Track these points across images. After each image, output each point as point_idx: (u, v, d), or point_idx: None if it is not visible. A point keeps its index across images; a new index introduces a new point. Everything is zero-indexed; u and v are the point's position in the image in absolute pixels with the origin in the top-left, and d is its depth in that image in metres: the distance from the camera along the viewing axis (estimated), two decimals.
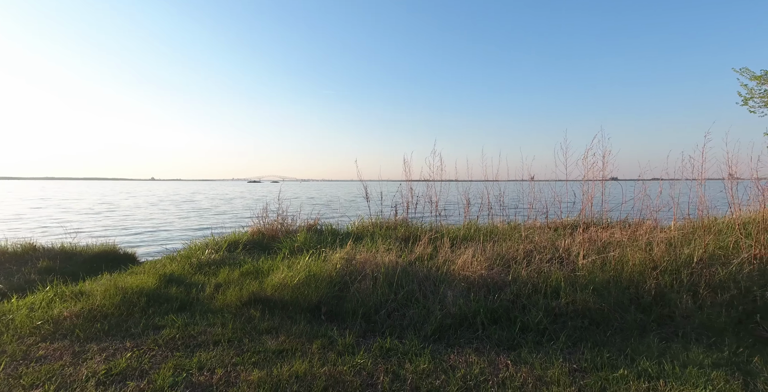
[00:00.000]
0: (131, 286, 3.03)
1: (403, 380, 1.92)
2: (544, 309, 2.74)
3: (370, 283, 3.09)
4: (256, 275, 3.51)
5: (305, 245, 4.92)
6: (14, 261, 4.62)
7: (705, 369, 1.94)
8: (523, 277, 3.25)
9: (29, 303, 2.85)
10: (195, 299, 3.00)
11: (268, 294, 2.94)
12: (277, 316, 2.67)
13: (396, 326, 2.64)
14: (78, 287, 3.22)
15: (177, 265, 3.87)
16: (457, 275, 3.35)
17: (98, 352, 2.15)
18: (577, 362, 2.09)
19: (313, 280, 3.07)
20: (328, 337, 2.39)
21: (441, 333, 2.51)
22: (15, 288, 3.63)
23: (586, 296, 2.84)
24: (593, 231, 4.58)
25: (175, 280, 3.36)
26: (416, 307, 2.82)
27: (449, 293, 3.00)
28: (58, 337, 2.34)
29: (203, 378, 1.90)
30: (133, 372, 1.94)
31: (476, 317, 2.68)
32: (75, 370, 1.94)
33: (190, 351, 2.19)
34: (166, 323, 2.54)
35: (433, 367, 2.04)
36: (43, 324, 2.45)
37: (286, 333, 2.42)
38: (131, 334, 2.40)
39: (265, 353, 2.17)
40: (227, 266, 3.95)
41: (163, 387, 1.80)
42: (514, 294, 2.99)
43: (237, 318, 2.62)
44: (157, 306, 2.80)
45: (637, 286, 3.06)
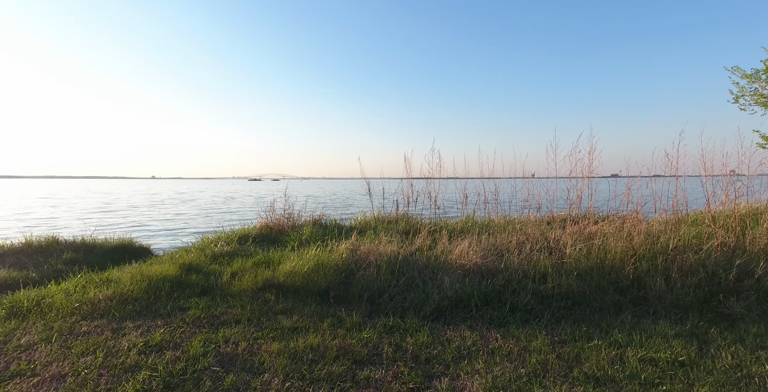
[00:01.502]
0: (155, 274, 3.30)
1: (404, 350, 2.20)
2: (532, 292, 3.02)
3: (374, 270, 3.37)
4: (267, 264, 3.79)
5: (312, 238, 5.20)
6: (40, 253, 4.91)
7: (668, 338, 2.22)
8: (515, 265, 3.52)
9: (64, 288, 3.13)
10: (214, 285, 3.28)
11: (280, 280, 3.21)
12: (290, 299, 2.95)
13: (398, 307, 2.92)
14: (105, 274, 3.50)
15: (194, 256, 4.14)
16: (454, 264, 3.63)
17: (134, 329, 2.43)
18: (558, 335, 2.37)
19: (322, 268, 3.35)
20: (337, 317, 2.67)
21: (439, 313, 2.79)
22: (46, 277, 3.92)
23: (570, 280, 3.12)
24: (583, 224, 4.87)
25: (193, 269, 3.64)
26: (416, 291, 3.10)
27: (446, 279, 3.28)
28: (96, 316, 2.62)
29: (229, 349, 2.18)
30: (168, 344, 2.23)
31: (470, 299, 2.96)
32: (117, 342, 2.22)
33: (215, 328, 2.48)
34: (191, 305, 2.82)
35: (431, 340, 2.32)
36: (81, 306, 2.73)
37: (299, 314, 2.70)
38: (160, 314, 2.68)
39: (281, 329, 2.45)
40: (240, 256, 4.23)
41: (195, 355, 2.08)
42: (505, 280, 3.26)
43: (254, 301, 2.90)
44: (180, 291, 3.08)
45: (617, 272, 3.34)
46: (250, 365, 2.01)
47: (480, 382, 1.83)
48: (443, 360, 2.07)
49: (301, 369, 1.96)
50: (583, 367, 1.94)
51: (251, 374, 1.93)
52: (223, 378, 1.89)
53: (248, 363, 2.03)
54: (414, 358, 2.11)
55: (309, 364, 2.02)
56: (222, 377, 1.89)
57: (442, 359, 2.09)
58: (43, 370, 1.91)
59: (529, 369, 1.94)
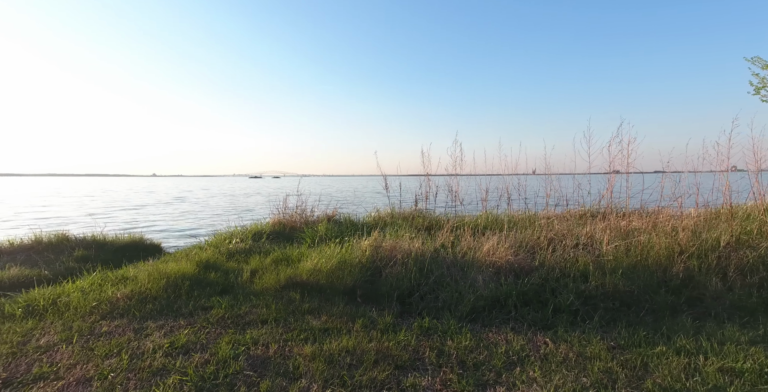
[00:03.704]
0: (172, 272, 3.17)
1: (448, 355, 2.01)
2: (574, 291, 2.81)
3: (400, 268, 3.19)
4: (287, 262, 3.63)
5: (327, 234, 5.04)
6: (51, 250, 4.82)
7: (742, 345, 2.00)
8: (549, 262, 3.31)
9: (79, 286, 3.01)
10: (234, 283, 3.13)
11: (303, 278, 3.05)
12: (315, 298, 2.79)
13: (430, 307, 2.73)
14: (121, 272, 3.38)
15: (210, 253, 4.01)
16: (483, 261, 3.43)
17: (156, 329, 2.28)
18: (614, 340, 2.17)
19: (346, 266, 3.18)
20: (368, 317, 2.50)
21: (475, 314, 2.60)
22: (58, 274, 3.82)
23: (615, 279, 2.90)
24: (613, 220, 4.63)
25: (211, 266, 3.50)
26: (448, 290, 2.91)
27: (479, 277, 3.09)
28: (116, 316, 2.48)
29: (260, 352, 2.02)
30: (194, 345, 2.08)
31: (507, 299, 2.76)
32: (141, 344, 2.08)
33: (241, 328, 2.32)
34: (213, 304, 2.68)
35: (475, 344, 2.14)
36: (99, 305, 2.60)
37: (327, 314, 2.54)
38: (182, 314, 2.54)
39: (311, 331, 2.28)
40: (256, 254, 4.09)
41: (225, 358, 1.93)
42: (542, 278, 3.05)
43: (278, 300, 2.74)
44: (200, 290, 2.94)
45: (664, 270, 3.11)
46: (284, 369, 1.85)
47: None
48: (493, 367, 1.88)
49: (341, 374, 1.79)
50: (654, 378, 1.74)
51: (287, 379, 1.77)
52: (257, 383, 1.73)
53: (282, 367, 1.87)
54: (460, 364, 1.93)
55: (348, 369, 1.85)
56: (256, 382, 1.73)
57: (491, 365, 1.90)
58: (67, 373, 1.77)
59: (592, 379, 1.74)
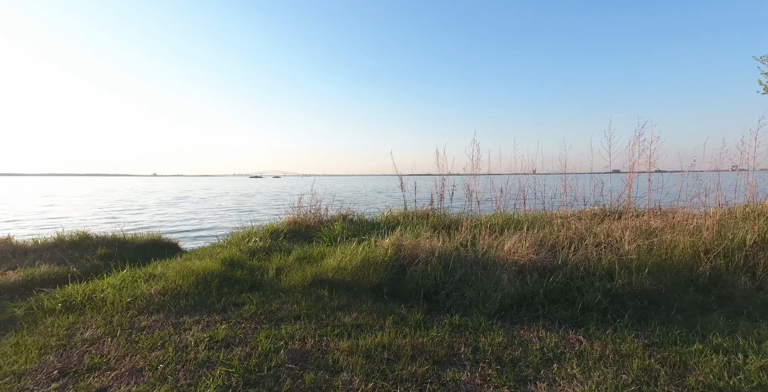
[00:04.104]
0: (199, 269, 3.23)
1: (483, 351, 2.04)
2: (600, 290, 2.81)
3: (423, 266, 3.21)
4: (309, 260, 3.68)
5: (343, 233, 5.08)
6: (74, 248, 4.93)
7: None
8: (572, 261, 3.31)
9: (111, 283, 3.08)
10: (261, 280, 3.18)
11: (329, 276, 3.09)
12: (344, 295, 2.83)
13: (457, 305, 2.76)
14: (148, 270, 3.45)
15: (233, 251, 4.07)
16: (505, 260, 3.43)
17: (193, 324, 2.34)
18: (647, 338, 2.17)
19: (370, 264, 3.21)
20: (398, 314, 2.53)
21: (504, 312, 2.62)
22: (85, 272, 3.91)
23: (641, 278, 2.90)
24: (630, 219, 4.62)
25: (235, 264, 3.56)
26: (473, 288, 2.93)
27: (504, 276, 3.10)
28: (152, 311, 2.55)
29: (298, 346, 2.06)
30: (233, 339, 2.13)
31: (534, 297, 2.77)
32: (181, 337, 2.14)
33: (275, 324, 2.37)
34: (244, 300, 2.73)
35: (508, 341, 2.16)
36: (134, 300, 2.67)
37: (357, 310, 2.57)
38: (215, 309, 2.59)
39: (344, 326, 2.32)
40: (277, 252, 4.14)
41: (265, 352, 1.97)
42: (566, 277, 3.06)
43: (307, 297, 2.79)
44: (229, 286, 3.00)
45: (690, 269, 3.10)
46: (324, 363, 1.89)
47: (582, 389, 1.65)
48: (530, 363, 1.90)
49: (381, 369, 1.83)
50: (695, 375, 1.74)
51: (329, 372, 1.80)
52: (301, 375, 1.77)
53: (321, 360, 1.91)
54: (496, 360, 1.95)
55: (386, 363, 1.88)
56: (300, 374, 1.78)
57: (528, 361, 1.92)
58: (118, 364, 1.83)
59: (633, 376, 1.75)
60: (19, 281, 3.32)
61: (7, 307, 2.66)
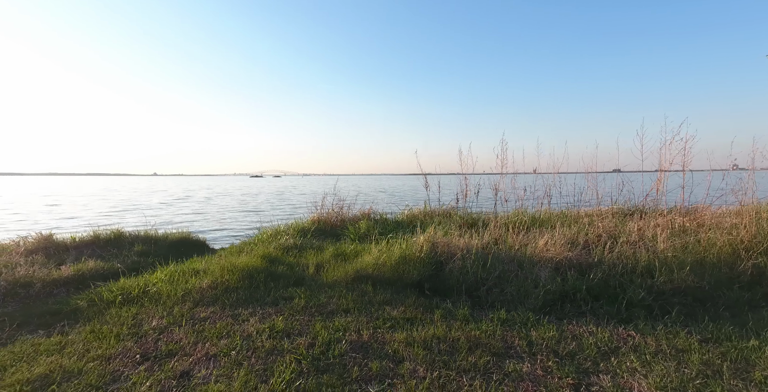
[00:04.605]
0: (241, 265, 3.34)
1: (537, 344, 2.08)
2: (642, 287, 2.82)
3: (461, 263, 3.26)
4: (344, 257, 3.77)
5: (369, 232, 5.17)
6: (111, 245, 5.13)
7: None
8: (608, 259, 3.32)
9: (160, 277, 3.21)
10: (302, 276, 3.28)
11: (369, 272, 3.17)
12: (387, 291, 2.90)
13: (499, 301, 2.80)
14: (191, 266, 3.58)
15: (270, 248, 4.17)
16: (540, 257, 3.46)
17: (249, 315, 2.44)
18: (700, 334, 2.18)
19: (408, 260, 3.28)
20: (444, 308, 2.59)
21: (548, 308, 2.65)
22: (128, 267, 4.07)
23: (682, 275, 2.89)
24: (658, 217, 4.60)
25: (273, 260, 3.67)
26: (513, 285, 2.97)
27: (542, 272, 3.13)
28: (207, 303, 2.66)
29: (355, 337, 2.14)
30: (292, 330, 2.21)
31: (576, 294, 2.80)
32: (243, 328, 2.23)
33: (327, 316, 2.45)
34: (291, 294, 2.82)
35: (559, 335, 2.19)
36: (188, 294, 2.79)
37: (403, 304, 2.64)
38: (266, 302, 2.69)
39: (394, 320, 2.39)
40: (310, 249, 4.24)
41: (327, 341, 2.05)
42: (605, 274, 3.08)
43: (351, 292, 2.87)
44: (274, 281, 3.10)
45: (730, 267, 3.08)
46: (384, 353, 1.96)
47: (648, 382, 1.68)
48: (587, 356, 1.94)
49: (442, 359, 1.89)
50: (760, 370, 1.76)
51: (391, 362, 1.87)
52: (366, 363, 1.84)
53: (381, 351, 1.98)
54: (552, 353, 1.99)
55: (445, 354, 1.94)
56: (365, 363, 1.85)
57: (585, 355, 1.95)
58: (192, 350, 1.93)
59: (695, 370, 1.77)
60: (71, 276, 3.49)
61: (70, 299, 2.80)
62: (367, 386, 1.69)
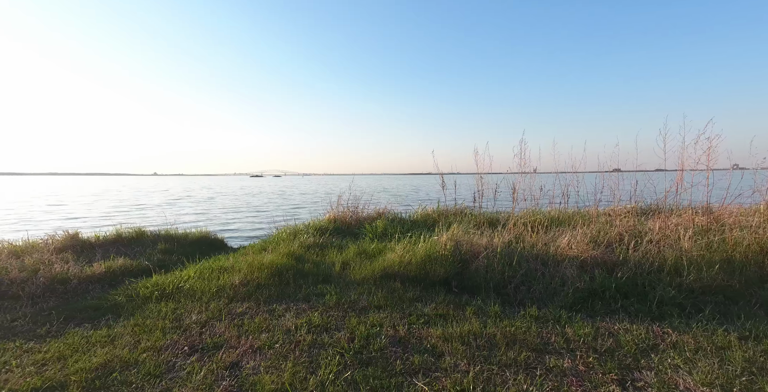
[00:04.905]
0: (268, 262, 3.40)
1: (574, 341, 2.09)
2: (672, 285, 2.81)
3: (485, 261, 3.28)
4: (367, 255, 3.81)
5: (387, 231, 5.21)
6: (134, 244, 5.25)
7: None
8: (633, 257, 3.31)
9: (190, 274, 3.29)
10: (329, 273, 3.33)
11: (396, 270, 3.21)
12: (416, 288, 2.93)
13: (528, 298, 2.81)
14: (219, 263, 3.65)
15: (293, 247, 4.22)
16: (564, 256, 3.46)
17: (285, 311, 2.49)
18: (737, 331, 2.17)
19: (433, 259, 3.30)
20: (476, 305, 2.61)
21: (578, 305, 2.66)
22: (155, 264, 4.16)
23: (711, 274, 2.88)
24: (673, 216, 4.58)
25: (298, 258, 3.73)
26: (540, 283, 2.98)
27: (568, 271, 3.13)
28: (241, 299, 2.72)
29: (392, 332, 2.17)
30: (329, 325, 2.26)
31: (605, 292, 2.80)
32: (280, 322, 2.29)
33: (360, 312, 2.49)
34: (322, 291, 2.87)
35: (594, 331, 2.20)
36: (221, 290, 2.86)
37: (433, 301, 2.67)
38: (298, 299, 2.74)
39: (427, 316, 2.42)
40: (331, 248, 4.29)
41: (366, 336, 2.10)
42: (632, 272, 3.07)
43: (380, 289, 2.91)
44: (302, 279, 3.15)
45: (760, 265, 3.05)
46: (423, 347, 2.00)
47: (693, 378, 1.69)
48: (627, 353, 1.95)
49: (481, 354, 1.92)
50: None
51: (432, 356, 1.91)
52: (407, 357, 1.88)
53: (420, 345, 2.02)
54: (591, 349, 2.00)
55: (484, 349, 1.97)
56: (406, 357, 1.89)
57: (624, 352, 1.97)
58: (237, 343, 1.99)
59: (739, 367, 1.77)
60: (103, 273, 3.59)
61: (108, 295, 2.89)
62: (411, 378, 1.72)
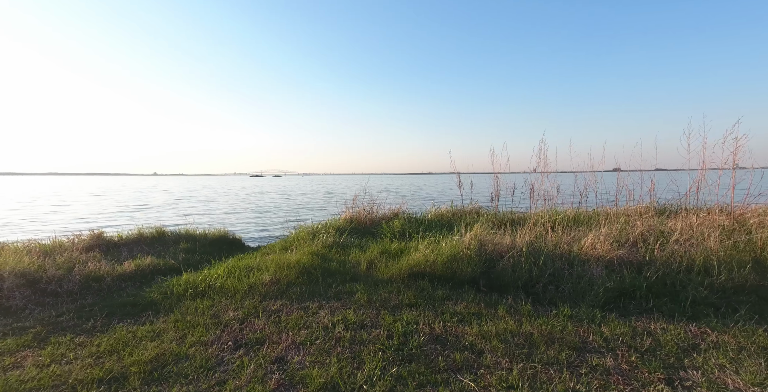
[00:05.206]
0: (294, 261, 3.45)
1: (612, 340, 2.09)
2: (703, 285, 2.78)
3: (511, 261, 3.29)
4: (390, 255, 3.84)
5: (404, 230, 5.23)
6: (156, 243, 5.35)
7: None
8: (660, 257, 3.29)
9: (219, 273, 3.35)
10: (356, 272, 3.36)
11: (422, 269, 3.23)
12: (445, 287, 2.95)
13: (557, 297, 2.81)
14: (245, 262, 3.71)
15: (316, 246, 4.26)
16: (589, 255, 3.45)
17: (318, 308, 2.53)
18: None
19: (460, 258, 3.32)
20: (507, 304, 2.62)
21: (610, 305, 2.65)
22: (181, 263, 4.24)
23: (743, 274, 2.84)
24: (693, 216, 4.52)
25: (323, 257, 3.77)
26: (567, 282, 2.97)
27: (594, 270, 3.12)
28: (273, 297, 2.77)
29: (428, 330, 2.19)
30: (364, 322, 2.29)
31: (636, 291, 2.78)
32: (316, 319, 2.33)
33: (394, 310, 2.52)
34: (351, 290, 2.91)
35: (631, 331, 2.20)
36: (253, 288, 2.91)
37: (464, 300, 2.68)
38: (329, 297, 2.78)
39: (460, 314, 2.44)
40: (353, 247, 4.33)
41: (403, 333, 2.12)
42: (660, 272, 3.05)
43: (409, 288, 2.93)
44: (330, 277, 3.19)
45: None
46: (461, 345, 2.01)
47: (741, 378, 1.68)
48: (669, 352, 1.94)
49: (521, 352, 1.93)
50: None
51: (471, 353, 1.93)
52: (447, 354, 1.90)
53: (458, 343, 2.04)
54: (632, 348, 2.00)
55: (523, 348, 1.98)
56: (446, 353, 1.91)
57: (666, 351, 1.96)
58: (278, 338, 2.03)
59: None
60: (133, 271, 3.68)
61: (143, 293, 2.97)
62: (455, 375, 1.74)
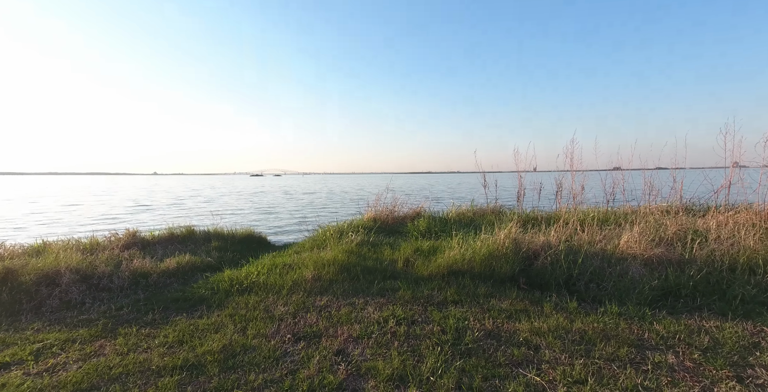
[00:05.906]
0: (330, 259, 3.52)
1: (668, 337, 2.08)
2: (750, 283, 2.72)
3: (549, 259, 3.28)
4: (422, 253, 3.87)
5: (429, 229, 5.26)
6: (187, 241, 5.51)
7: None
8: (700, 256, 3.23)
9: (260, 270, 3.44)
10: (393, 270, 3.41)
11: (460, 267, 3.25)
12: (485, 284, 2.97)
13: (600, 295, 2.79)
14: (283, 259, 3.80)
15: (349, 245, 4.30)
16: (625, 254, 3.41)
17: (365, 304, 2.59)
18: None
19: (496, 256, 3.33)
20: (551, 301, 2.62)
21: (657, 303, 2.62)
22: (216, 260, 4.37)
23: None
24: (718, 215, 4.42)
25: (358, 255, 3.83)
26: (608, 280, 2.95)
27: (632, 269, 3.09)
28: (317, 293, 2.84)
29: (479, 326, 2.22)
30: (414, 318, 2.34)
31: (681, 289, 2.75)
32: (365, 315, 2.38)
33: (439, 306, 2.55)
34: (393, 286, 2.96)
35: (684, 329, 2.17)
36: (297, 285, 3.00)
37: (507, 297, 2.70)
38: (372, 293, 2.84)
39: (507, 311, 2.46)
40: (383, 245, 4.38)
41: (456, 329, 2.16)
42: (704, 271, 2.99)
43: (450, 285, 2.96)
44: (369, 275, 3.25)
45: None
46: (516, 341, 2.04)
47: None
48: (731, 350, 1.92)
49: (579, 348, 1.94)
50: None
51: (529, 349, 1.95)
52: (505, 349, 1.93)
53: (513, 339, 2.06)
54: (691, 346, 1.99)
55: (579, 344, 1.99)
56: (504, 349, 1.94)
57: (728, 348, 1.94)
58: (334, 332, 2.10)
59: None
60: (174, 268, 3.81)
61: (192, 288, 3.08)
62: (517, 369, 1.76)
